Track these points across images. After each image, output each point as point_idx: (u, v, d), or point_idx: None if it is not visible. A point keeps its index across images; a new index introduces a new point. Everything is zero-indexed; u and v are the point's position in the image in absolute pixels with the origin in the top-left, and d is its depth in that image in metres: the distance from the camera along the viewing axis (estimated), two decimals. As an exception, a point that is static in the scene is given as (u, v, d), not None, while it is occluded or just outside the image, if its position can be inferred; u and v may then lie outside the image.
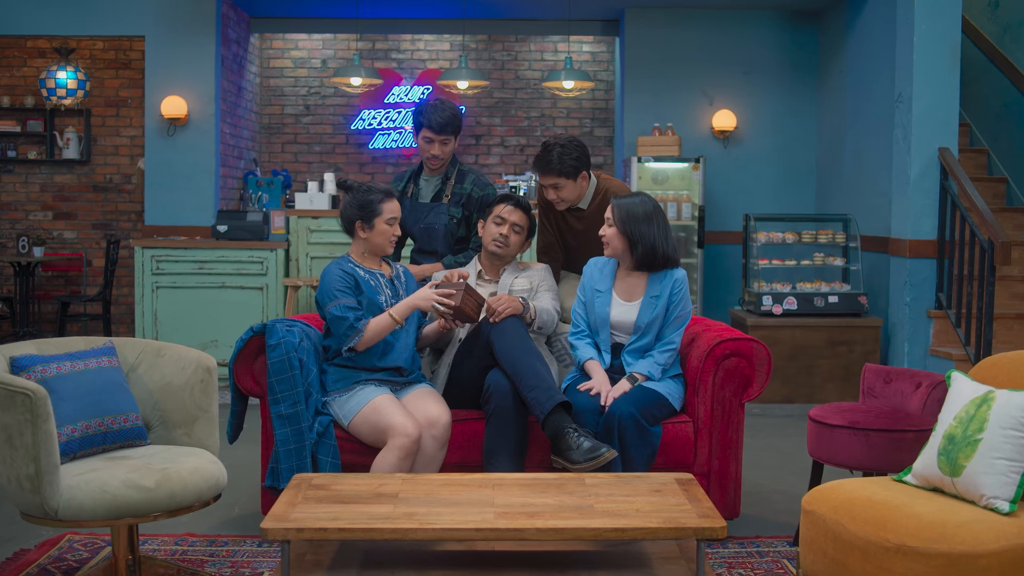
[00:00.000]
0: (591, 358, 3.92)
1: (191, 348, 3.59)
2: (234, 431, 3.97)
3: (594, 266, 4.05)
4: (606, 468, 3.47)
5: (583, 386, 3.79)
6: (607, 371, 3.93)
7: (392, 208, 3.90)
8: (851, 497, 2.99)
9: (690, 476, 3.16)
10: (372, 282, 3.87)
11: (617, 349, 3.94)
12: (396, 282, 3.98)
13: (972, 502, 2.90)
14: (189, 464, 3.19)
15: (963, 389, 3.11)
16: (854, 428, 3.69)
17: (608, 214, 3.92)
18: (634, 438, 3.61)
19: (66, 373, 3.27)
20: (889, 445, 3.65)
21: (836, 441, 3.74)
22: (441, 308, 3.74)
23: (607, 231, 3.91)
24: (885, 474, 3.76)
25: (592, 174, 4.34)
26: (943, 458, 2.98)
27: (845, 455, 3.73)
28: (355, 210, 3.87)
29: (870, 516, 2.87)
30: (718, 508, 3.66)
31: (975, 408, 2.99)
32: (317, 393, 3.80)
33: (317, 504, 2.88)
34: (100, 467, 3.11)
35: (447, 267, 4.46)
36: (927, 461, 3.05)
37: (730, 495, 3.90)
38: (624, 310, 3.92)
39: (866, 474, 3.92)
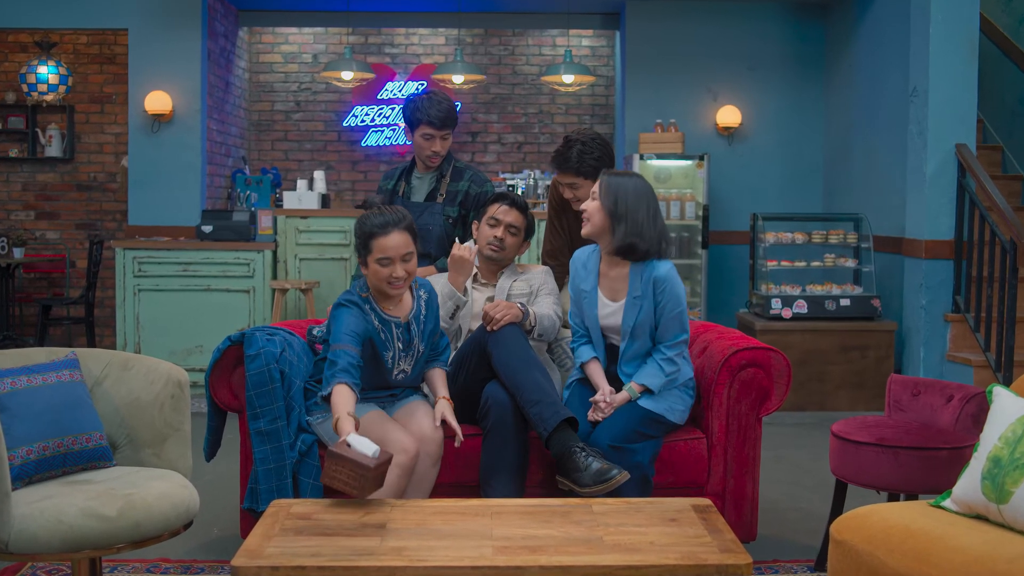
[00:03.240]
0: (592, 358, 3.61)
1: (161, 360, 3.29)
2: (211, 448, 3.68)
3: (578, 262, 3.66)
4: (616, 491, 3.18)
5: (591, 415, 3.49)
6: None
7: (387, 245, 3.29)
8: (886, 526, 2.70)
9: (708, 503, 2.87)
10: (383, 335, 3.41)
11: (613, 352, 3.63)
12: (413, 327, 3.47)
13: (1022, 532, 2.61)
14: (156, 489, 2.90)
15: (1007, 406, 2.81)
16: (882, 445, 3.40)
17: (594, 187, 3.54)
18: (617, 464, 3.24)
19: (22, 388, 2.98)
20: (920, 464, 3.37)
21: (862, 459, 3.46)
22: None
23: (589, 204, 3.51)
24: (916, 496, 3.49)
25: None
26: (988, 483, 2.69)
27: (872, 475, 3.44)
28: (356, 239, 3.40)
29: (909, 548, 2.59)
30: (733, 531, 3.36)
31: (1023, 428, 2.70)
32: (300, 408, 3.50)
33: (296, 536, 2.59)
34: (57, 493, 2.81)
35: (440, 270, 4.17)
36: (969, 486, 2.76)
37: (746, 517, 3.61)
38: (610, 311, 3.57)
39: (891, 496, 3.65)
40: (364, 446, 2.79)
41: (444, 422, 3.40)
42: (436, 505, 2.86)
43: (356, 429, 2.98)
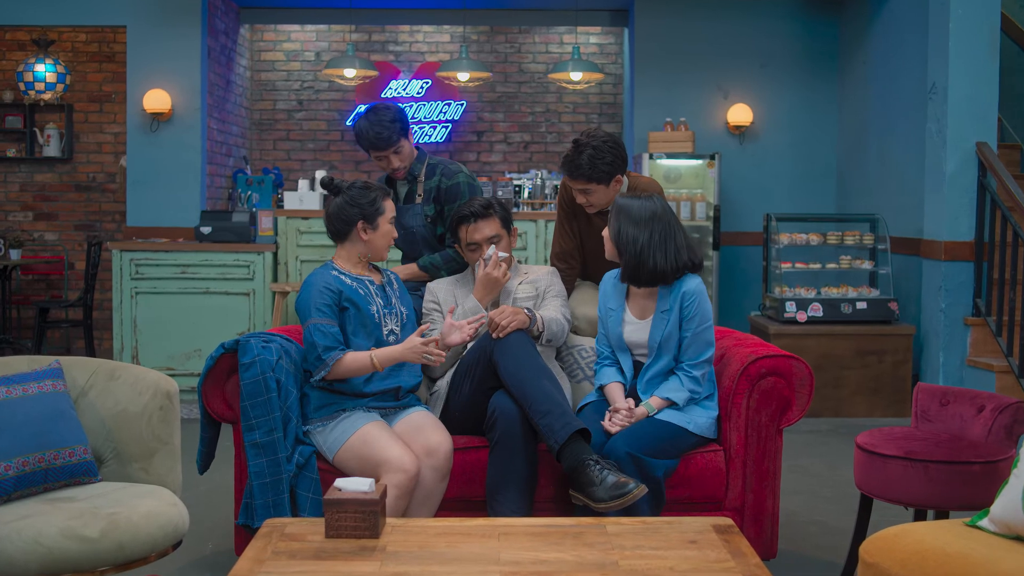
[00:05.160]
0: (613, 381, 3.46)
1: (149, 369, 3.12)
2: (204, 460, 3.49)
3: (608, 281, 3.57)
4: (631, 508, 3.00)
5: (607, 425, 3.31)
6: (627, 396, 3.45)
7: (391, 207, 3.52)
8: (921, 548, 2.52)
9: (729, 522, 2.69)
10: (361, 291, 3.41)
11: (639, 369, 3.47)
12: (388, 289, 3.53)
13: (1068, 556, 2.43)
14: (142, 508, 2.73)
15: (1050, 419, 2.64)
16: (911, 459, 3.22)
17: (609, 213, 3.47)
18: (634, 477, 3.10)
19: (1, 400, 2.81)
20: (951, 479, 3.19)
21: (889, 473, 3.28)
22: (432, 358, 3.23)
23: (606, 232, 3.45)
24: (946, 512, 3.32)
25: (625, 175, 3.85)
26: (1030, 502, 2.52)
27: (900, 490, 3.26)
28: (356, 209, 3.43)
29: (946, 573, 2.40)
30: (752, 547, 3.18)
31: (1068, 443, 2.52)
32: (297, 419, 3.33)
33: (289, 560, 2.42)
34: (36, 512, 2.64)
35: (422, 268, 4.00)
36: (1009, 504, 2.58)
37: (766, 533, 3.43)
38: (636, 328, 3.44)
39: (918, 512, 3.47)
40: (357, 484, 2.61)
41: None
42: (439, 525, 2.68)
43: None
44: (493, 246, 3.67)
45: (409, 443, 3.25)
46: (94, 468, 2.93)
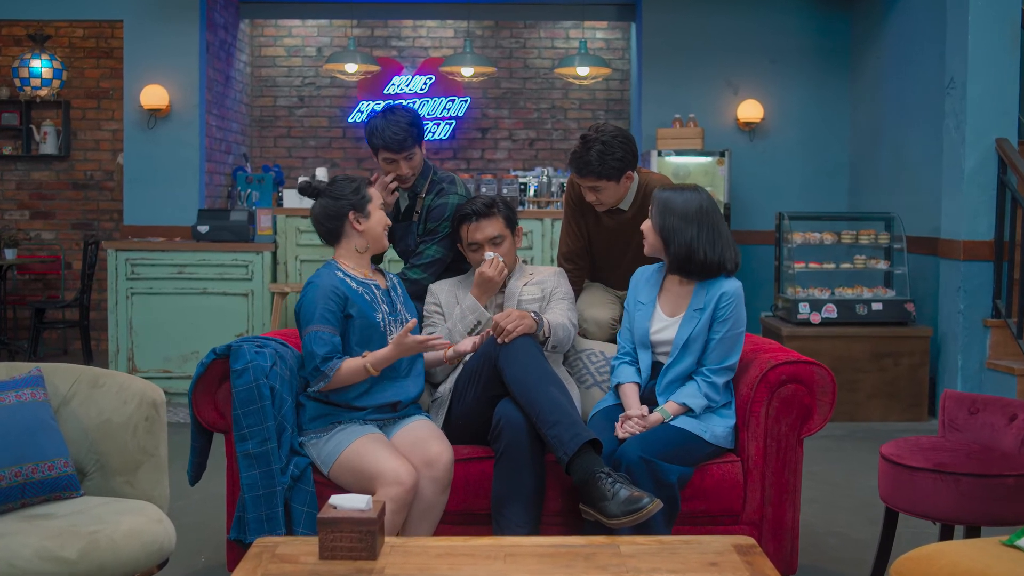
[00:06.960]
0: (629, 381, 3.30)
1: (135, 377, 2.95)
2: (195, 471, 3.32)
3: (641, 276, 3.44)
4: (644, 525, 2.83)
5: (619, 431, 3.15)
6: (641, 397, 3.29)
7: (376, 194, 3.38)
8: (957, 572, 2.35)
9: (751, 542, 2.52)
10: (367, 296, 3.23)
11: (658, 370, 3.30)
12: (392, 294, 3.36)
13: (1117, 581, 2.26)
14: (124, 525, 2.56)
15: (1094, 432, 2.47)
16: (940, 472, 3.05)
17: (650, 205, 3.34)
18: (647, 482, 2.97)
19: (-24, 410, 2.65)
20: (983, 493, 3.01)
21: (917, 486, 3.10)
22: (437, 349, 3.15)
23: (646, 225, 3.34)
24: (977, 528, 3.14)
25: (636, 171, 3.68)
26: (1074, 521, 2.35)
27: (929, 504, 3.08)
28: (343, 202, 3.27)
29: (986, 599, 2.24)
30: (772, 563, 3.00)
31: (1115, 458, 2.35)
32: (292, 428, 3.16)
33: (280, 584, 2.25)
34: (12, 531, 2.48)
35: (415, 283, 3.78)
36: (1051, 523, 2.42)
37: (786, 549, 3.25)
38: (664, 325, 3.30)
39: (944, 527, 3.29)
40: (354, 501, 2.43)
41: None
42: (441, 545, 2.51)
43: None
44: (495, 255, 3.51)
45: (407, 454, 3.08)
46: (76, 482, 2.77)
